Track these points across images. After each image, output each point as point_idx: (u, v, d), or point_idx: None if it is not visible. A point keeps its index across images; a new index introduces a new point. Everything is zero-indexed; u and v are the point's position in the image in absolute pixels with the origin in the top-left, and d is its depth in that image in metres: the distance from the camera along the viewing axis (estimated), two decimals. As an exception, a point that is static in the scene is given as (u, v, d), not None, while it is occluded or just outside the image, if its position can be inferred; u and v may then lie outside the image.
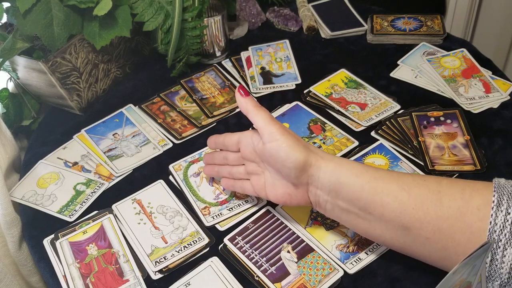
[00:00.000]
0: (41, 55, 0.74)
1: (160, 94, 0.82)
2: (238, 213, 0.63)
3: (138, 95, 0.83)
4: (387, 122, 0.73)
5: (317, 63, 0.87)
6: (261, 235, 0.60)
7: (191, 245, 0.59)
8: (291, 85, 0.82)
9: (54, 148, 0.74)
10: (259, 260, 0.57)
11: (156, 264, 0.58)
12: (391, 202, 0.48)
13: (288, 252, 0.57)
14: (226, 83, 0.84)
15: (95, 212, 0.65)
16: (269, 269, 0.56)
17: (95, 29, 0.72)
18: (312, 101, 0.79)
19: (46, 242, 0.61)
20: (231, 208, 0.63)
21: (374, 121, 0.74)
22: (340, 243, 0.58)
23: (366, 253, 0.57)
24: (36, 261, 0.61)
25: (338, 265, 0.56)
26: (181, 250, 0.59)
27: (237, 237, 0.60)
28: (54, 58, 0.72)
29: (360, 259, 0.56)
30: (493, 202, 0.44)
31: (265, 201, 0.64)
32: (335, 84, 0.81)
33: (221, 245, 0.59)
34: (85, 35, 0.73)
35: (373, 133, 0.72)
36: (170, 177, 0.69)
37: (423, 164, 0.66)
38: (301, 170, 0.52)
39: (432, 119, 0.72)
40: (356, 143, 0.71)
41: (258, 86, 0.82)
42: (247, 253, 0.58)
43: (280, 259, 0.57)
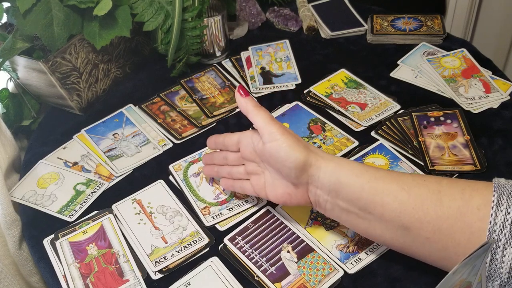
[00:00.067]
0: (41, 55, 0.74)
1: (160, 94, 0.82)
2: (238, 213, 0.63)
3: (138, 95, 0.83)
4: (387, 122, 0.73)
5: (317, 63, 0.87)
6: (261, 235, 0.60)
7: (191, 245, 0.59)
8: (291, 85, 0.82)
9: (54, 148, 0.74)
10: (259, 260, 0.57)
11: (156, 264, 0.58)
12: (391, 202, 0.48)
13: (288, 252, 0.57)
14: (226, 83, 0.84)
15: (95, 212, 0.65)
16: (269, 269, 0.56)
17: (95, 29, 0.72)
18: (312, 101, 0.79)
19: (46, 242, 0.61)
20: (231, 208, 0.63)
21: (374, 121, 0.74)
22: (340, 243, 0.58)
23: (366, 253, 0.57)
24: (36, 261, 0.61)
25: (338, 265, 0.56)
26: (181, 250, 0.59)
27: (237, 237, 0.60)
28: (54, 58, 0.72)
29: (360, 259, 0.56)
30: (493, 202, 0.44)
31: (265, 201, 0.64)
32: (335, 84, 0.81)
33: (221, 245, 0.59)
34: (85, 35, 0.73)
35: (373, 133, 0.72)
36: (170, 177, 0.69)
37: (423, 164, 0.66)
38: (301, 170, 0.52)
39: (432, 119, 0.72)
40: (356, 143, 0.71)
41: (258, 86, 0.82)
42: (247, 253, 0.58)
43: (280, 259, 0.57)
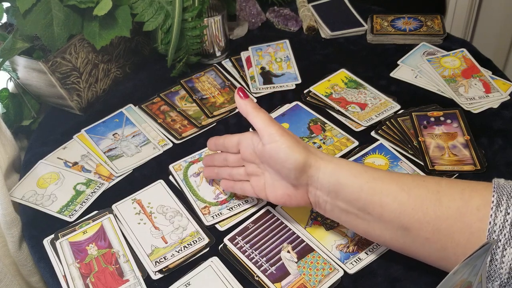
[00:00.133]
0: (41, 55, 0.74)
1: (160, 94, 0.82)
2: (238, 213, 0.63)
3: (138, 95, 0.83)
4: (387, 122, 0.73)
5: (317, 63, 0.87)
6: (261, 235, 0.60)
7: (191, 245, 0.59)
8: (291, 85, 0.82)
9: (54, 148, 0.74)
10: (259, 260, 0.57)
11: (156, 264, 0.58)
12: (391, 203, 0.48)
13: (288, 252, 0.57)
14: (226, 83, 0.84)
15: (95, 212, 0.65)
16: (269, 269, 0.56)
17: (95, 29, 0.72)
18: (312, 101, 0.79)
19: (46, 242, 0.61)
20: (231, 208, 0.63)
21: (374, 121, 0.74)
22: (340, 243, 0.58)
23: (366, 253, 0.57)
24: (36, 261, 0.61)
25: (338, 265, 0.56)
26: (181, 250, 0.59)
27: (237, 237, 0.60)
28: (54, 58, 0.72)
29: (360, 259, 0.56)
30: (493, 202, 0.44)
31: (265, 201, 0.64)
32: (335, 84, 0.81)
33: (221, 245, 0.59)
34: (85, 35, 0.73)
35: (373, 133, 0.72)
36: (170, 177, 0.69)
37: (423, 164, 0.66)
38: (301, 171, 0.52)
39: (432, 119, 0.72)
40: (356, 143, 0.71)
41: (258, 86, 0.82)
42: (247, 253, 0.58)
43: (280, 259, 0.57)
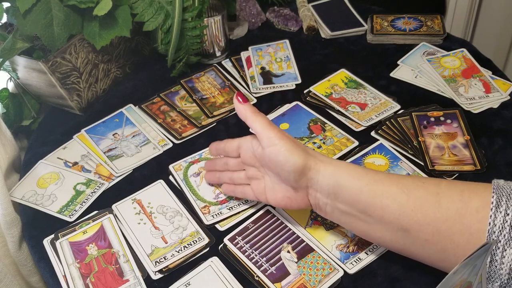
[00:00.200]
0: (41, 55, 0.74)
1: (160, 94, 0.82)
2: (238, 213, 0.63)
3: (138, 95, 0.83)
4: (387, 122, 0.73)
5: (317, 63, 0.87)
6: (261, 235, 0.60)
7: (191, 245, 0.59)
8: (291, 85, 0.82)
9: (54, 148, 0.74)
10: (259, 260, 0.57)
11: (156, 264, 0.58)
12: (390, 204, 0.48)
13: (288, 252, 0.57)
14: (226, 83, 0.84)
15: (95, 212, 0.65)
16: (269, 269, 0.56)
17: (95, 29, 0.72)
18: (312, 101, 0.79)
19: (46, 242, 0.61)
20: (231, 208, 0.63)
21: (374, 121, 0.74)
22: (340, 243, 0.58)
23: (366, 253, 0.57)
24: (36, 261, 0.61)
25: (338, 265, 0.56)
26: (181, 250, 0.59)
27: (237, 237, 0.60)
28: (54, 58, 0.72)
29: (360, 259, 0.56)
30: (492, 203, 0.44)
31: (265, 201, 0.64)
32: (335, 84, 0.81)
33: (221, 245, 0.59)
34: (85, 35, 0.73)
35: (373, 133, 0.72)
36: (170, 177, 0.69)
37: (423, 164, 0.66)
38: (300, 173, 0.52)
39: (432, 119, 0.72)
40: (356, 143, 0.71)
41: (258, 86, 0.82)
42: (247, 253, 0.58)
43: (280, 259, 0.57)
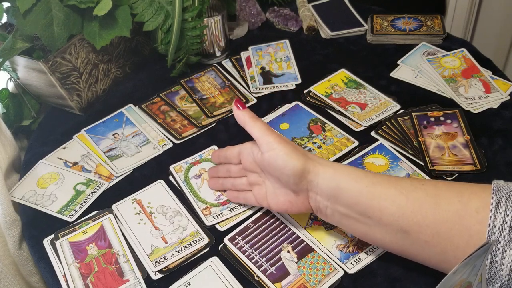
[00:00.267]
0: (41, 55, 0.74)
1: (160, 94, 0.82)
2: (239, 213, 0.63)
3: (138, 95, 0.83)
4: (387, 122, 0.73)
5: (317, 63, 0.87)
6: (261, 235, 0.60)
7: (191, 245, 0.59)
8: (291, 85, 0.82)
9: (54, 148, 0.74)
10: (259, 260, 0.57)
11: (156, 264, 0.58)
12: (389, 206, 0.48)
13: (288, 252, 0.57)
14: (226, 83, 0.84)
15: (95, 212, 0.65)
16: (269, 269, 0.56)
17: (95, 29, 0.72)
18: (312, 101, 0.79)
19: (46, 242, 0.61)
20: (232, 209, 0.63)
21: (374, 121, 0.74)
22: (340, 243, 0.58)
23: (366, 253, 0.57)
24: (36, 261, 0.61)
25: (338, 265, 0.56)
26: (181, 250, 0.59)
27: (237, 237, 0.60)
28: (54, 58, 0.72)
29: (360, 259, 0.56)
30: (492, 204, 0.44)
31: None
32: (335, 84, 0.81)
33: (221, 245, 0.59)
34: (85, 35, 0.73)
35: (373, 133, 0.72)
36: (170, 178, 0.69)
37: (423, 164, 0.66)
38: (300, 177, 0.52)
39: (432, 119, 0.72)
40: (356, 143, 0.71)
41: (258, 86, 0.82)
42: (247, 253, 0.58)
43: (280, 259, 0.57)
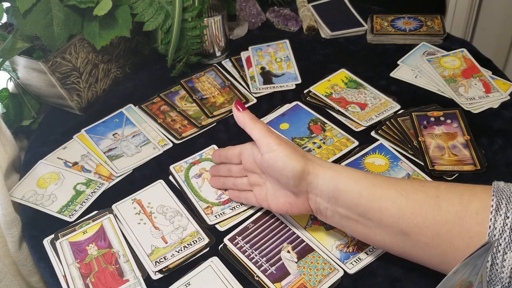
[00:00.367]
0: (41, 55, 0.74)
1: (160, 94, 0.82)
2: (241, 212, 0.63)
3: (138, 95, 0.83)
4: (387, 122, 0.73)
5: (317, 63, 0.87)
6: (261, 235, 0.60)
7: (191, 245, 0.59)
8: (291, 85, 0.82)
9: (54, 148, 0.74)
10: (259, 260, 0.57)
11: (156, 264, 0.58)
12: (389, 208, 0.48)
13: (288, 252, 0.57)
14: (226, 83, 0.84)
15: (95, 212, 0.65)
16: (269, 269, 0.56)
17: (95, 29, 0.72)
18: (312, 101, 0.79)
19: (46, 242, 0.61)
20: (234, 208, 0.63)
21: (374, 121, 0.74)
22: (340, 243, 0.58)
23: (366, 253, 0.57)
24: (36, 261, 0.61)
25: (338, 265, 0.56)
26: (181, 250, 0.59)
27: (237, 237, 0.60)
28: (54, 58, 0.72)
29: (360, 259, 0.56)
30: (492, 206, 0.44)
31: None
32: (335, 84, 0.81)
33: (221, 245, 0.59)
34: (85, 35, 0.73)
35: (373, 133, 0.72)
36: (171, 178, 0.68)
37: (423, 164, 0.66)
38: (300, 178, 0.52)
39: (432, 119, 0.72)
40: (356, 143, 0.71)
41: (258, 86, 0.82)
42: (247, 253, 0.58)
43: (280, 259, 0.57)
